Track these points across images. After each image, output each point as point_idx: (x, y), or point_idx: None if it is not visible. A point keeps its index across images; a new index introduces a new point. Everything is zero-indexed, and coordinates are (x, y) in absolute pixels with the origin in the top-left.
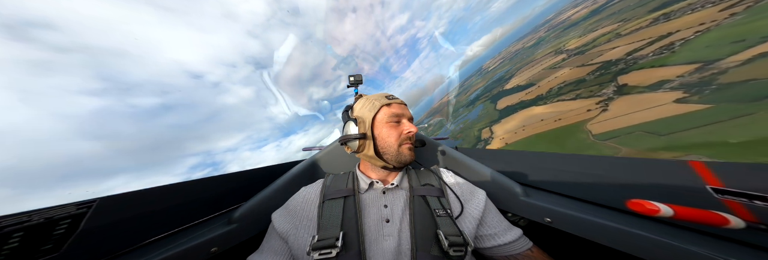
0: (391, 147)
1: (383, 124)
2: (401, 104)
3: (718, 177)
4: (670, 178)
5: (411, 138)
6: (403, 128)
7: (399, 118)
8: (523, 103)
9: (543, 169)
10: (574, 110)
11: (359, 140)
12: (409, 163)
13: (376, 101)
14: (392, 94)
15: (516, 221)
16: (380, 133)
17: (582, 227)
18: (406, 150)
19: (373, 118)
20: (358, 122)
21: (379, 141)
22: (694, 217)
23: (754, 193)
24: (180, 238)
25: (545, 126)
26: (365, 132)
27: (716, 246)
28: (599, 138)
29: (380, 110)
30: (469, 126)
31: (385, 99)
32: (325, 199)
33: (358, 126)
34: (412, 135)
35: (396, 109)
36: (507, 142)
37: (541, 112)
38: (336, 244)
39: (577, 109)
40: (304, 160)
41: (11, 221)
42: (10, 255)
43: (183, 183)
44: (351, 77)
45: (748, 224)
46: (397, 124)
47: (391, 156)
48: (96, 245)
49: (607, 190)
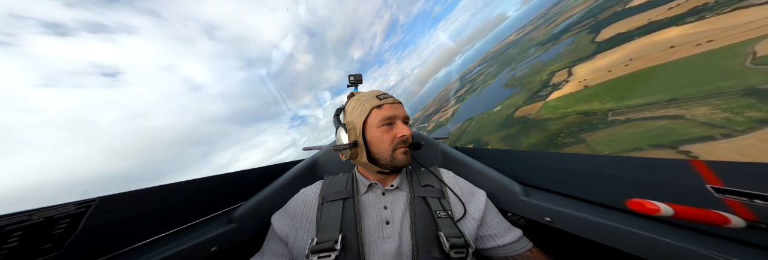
0: (384, 153)
1: (374, 129)
2: (394, 104)
3: (718, 177)
4: (670, 177)
5: (406, 142)
6: (396, 131)
7: (391, 120)
8: (649, 27)
9: (543, 168)
10: (747, 24)
11: (352, 149)
12: (404, 167)
13: (366, 103)
14: (385, 93)
15: (516, 220)
16: (372, 138)
17: (582, 226)
18: (400, 154)
19: (363, 122)
20: (348, 129)
21: (371, 147)
22: (695, 216)
23: (755, 192)
24: (180, 238)
25: (671, 54)
26: (356, 140)
27: (717, 245)
28: (760, 62)
29: (371, 113)
30: (538, 69)
31: (376, 99)
32: (324, 201)
33: (348, 133)
34: (406, 138)
35: (387, 110)
36: (587, 85)
37: (677, 34)
38: (335, 247)
39: (751, 22)
40: (303, 160)
41: (11, 220)
42: (9, 254)
43: (183, 183)
44: (351, 77)
45: (748, 223)
46: (390, 126)
47: (385, 161)
48: (95, 244)
49: (607, 189)
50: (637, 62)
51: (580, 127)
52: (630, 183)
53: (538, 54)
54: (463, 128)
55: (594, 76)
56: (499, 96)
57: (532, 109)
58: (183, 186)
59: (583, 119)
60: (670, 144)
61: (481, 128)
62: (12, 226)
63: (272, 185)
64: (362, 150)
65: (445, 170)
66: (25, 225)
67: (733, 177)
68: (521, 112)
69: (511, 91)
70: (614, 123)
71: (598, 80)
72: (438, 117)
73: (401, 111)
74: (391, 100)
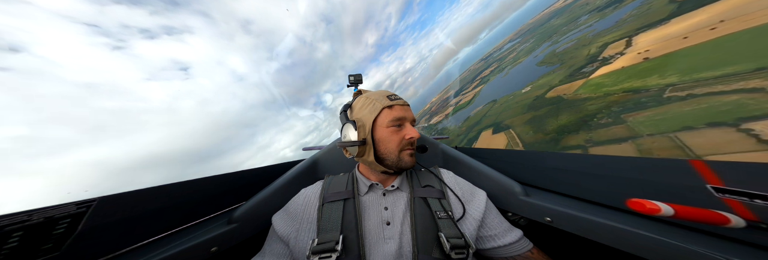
0: (391, 154)
1: (384, 128)
2: (404, 105)
3: (718, 176)
4: (670, 177)
5: (413, 144)
6: (404, 133)
7: (401, 121)
8: None
9: (543, 169)
10: None
11: (359, 146)
12: (410, 168)
13: (377, 102)
14: (395, 94)
15: (516, 220)
16: (381, 138)
17: (582, 226)
18: (406, 156)
19: (373, 121)
20: (358, 126)
21: (379, 147)
22: (695, 216)
23: (755, 192)
24: (180, 238)
25: None
26: (365, 138)
27: (717, 245)
28: None
29: (381, 112)
30: (586, 41)
31: (387, 99)
32: (325, 202)
33: (357, 130)
34: (414, 140)
35: (398, 111)
36: (647, 57)
37: None
38: (336, 248)
39: None
40: (304, 160)
41: (11, 220)
42: (10, 254)
43: (183, 183)
44: (351, 77)
45: (748, 223)
46: (399, 127)
47: (391, 162)
48: (96, 244)
49: (607, 189)
50: (730, 24)
51: (624, 105)
52: (630, 183)
53: (590, 22)
54: (483, 112)
55: (660, 45)
56: (531, 75)
57: (569, 87)
58: (183, 186)
59: (629, 97)
60: (732, 122)
61: (505, 111)
62: (12, 226)
63: (272, 185)
64: (370, 148)
65: (445, 170)
66: (25, 225)
67: (733, 177)
68: (555, 91)
69: (547, 68)
70: (670, 100)
71: (664, 50)
72: (456, 101)
73: (410, 113)
74: (402, 102)
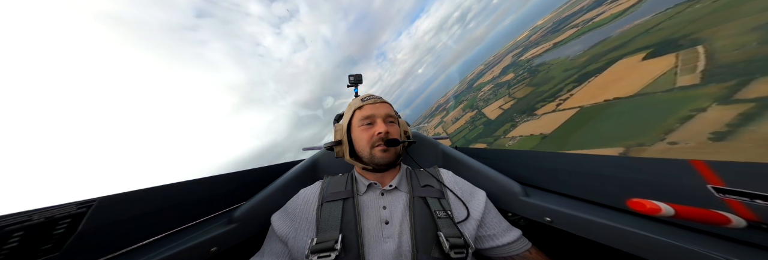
0: (364, 150)
1: (357, 128)
2: (375, 104)
3: (719, 177)
4: (671, 177)
5: (383, 139)
6: (374, 130)
7: (371, 119)
8: None
9: (543, 169)
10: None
11: (336, 147)
12: (387, 165)
13: (352, 106)
14: (372, 95)
15: (516, 220)
16: (355, 137)
17: (582, 226)
18: (378, 152)
19: (349, 122)
20: (335, 130)
21: (355, 145)
22: (696, 216)
23: (756, 192)
24: (180, 238)
25: None
26: (340, 139)
27: (717, 245)
28: None
29: (354, 114)
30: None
31: (359, 102)
32: (324, 201)
33: (335, 133)
34: (382, 135)
35: (367, 110)
36: None
37: None
38: (335, 247)
39: None
40: (304, 160)
41: (11, 220)
42: (10, 254)
43: (183, 183)
44: (351, 77)
45: (749, 223)
46: (370, 125)
47: (366, 159)
48: (96, 244)
49: (607, 190)
50: None
51: None
52: (630, 183)
53: None
54: (648, 25)
55: None
56: None
57: None
58: (183, 186)
59: None
60: None
61: (701, 17)
62: (12, 226)
63: (272, 185)
64: (346, 147)
65: (444, 170)
66: (25, 225)
67: (733, 177)
68: None
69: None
70: None
71: None
72: (595, 14)
73: (382, 110)
74: (373, 101)
